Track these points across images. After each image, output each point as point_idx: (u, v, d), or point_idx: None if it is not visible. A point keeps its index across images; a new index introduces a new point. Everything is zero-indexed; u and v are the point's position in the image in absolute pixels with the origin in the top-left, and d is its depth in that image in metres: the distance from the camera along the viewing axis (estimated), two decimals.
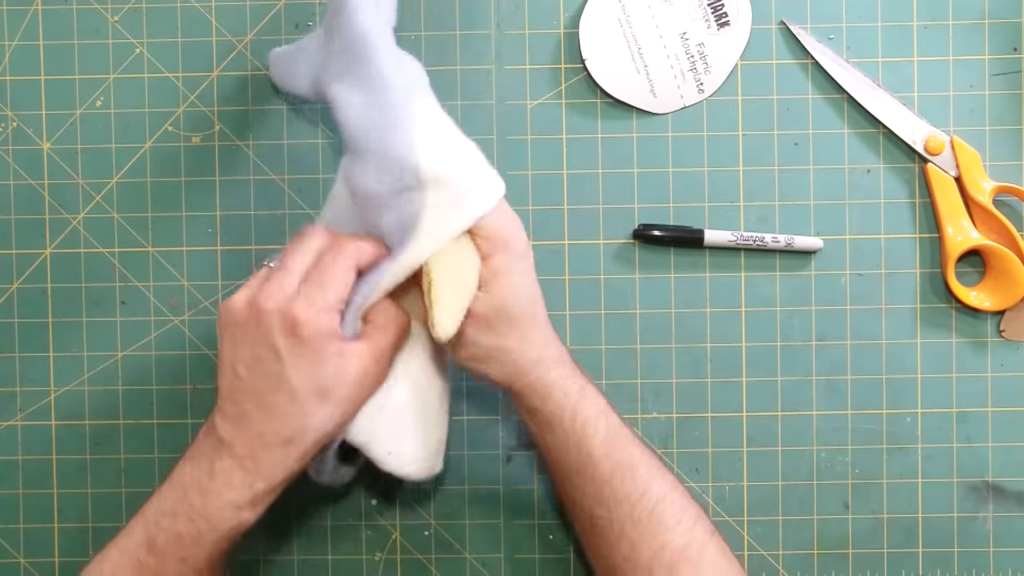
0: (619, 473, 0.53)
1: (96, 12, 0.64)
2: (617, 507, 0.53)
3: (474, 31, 0.64)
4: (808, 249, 0.64)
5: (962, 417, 0.64)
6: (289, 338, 0.50)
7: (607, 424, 0.54)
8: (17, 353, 0.65)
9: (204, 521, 0.51)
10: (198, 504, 0.51)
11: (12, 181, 0.65)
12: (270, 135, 0.64)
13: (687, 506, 0.53)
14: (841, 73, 0.63)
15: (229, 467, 0.51)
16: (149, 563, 0.51)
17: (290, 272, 0.51)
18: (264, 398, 0.51)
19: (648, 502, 0.53)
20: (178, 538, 0.51)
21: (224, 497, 0.51)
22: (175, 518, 0.51)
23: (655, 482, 0.53)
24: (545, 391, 0.54)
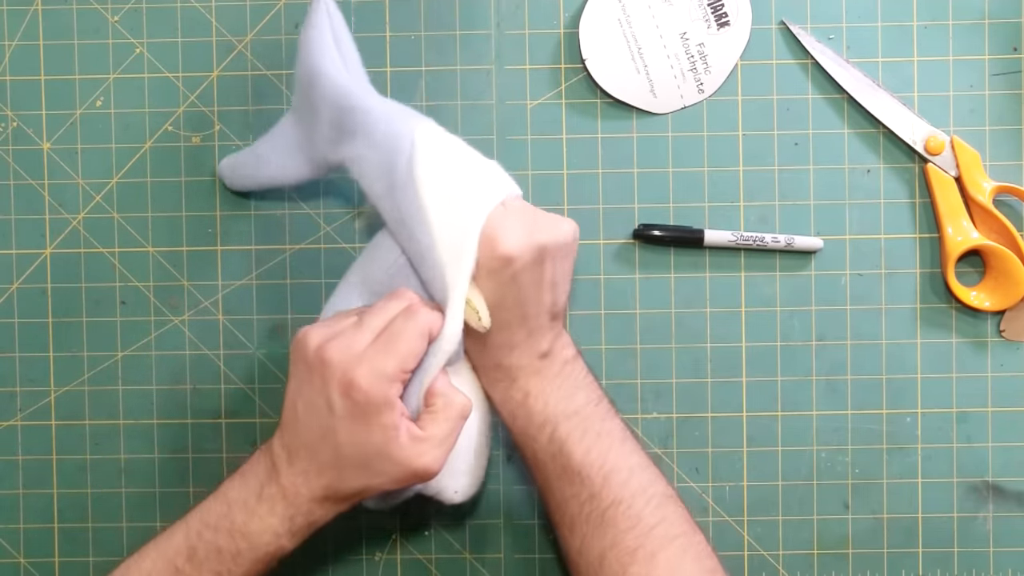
0: (565, 477, 0.54)
1: (96, 12, 0.64)
2: (565, 504, 0.54)
3: (474, 31, 0.64)
4: (808, 249, 0.64)
5: (962, 417, 0.64)
6: (344, 398, 0.50)
7: (555, 432, 0.54)
8: (17, 353, 0.65)
9: (244, 540, 0.51)
10: (240, 522, 0.52)
11: (12, 181, 0.65)
12: None
13: (650, 511, 0.53)
14: (841, 73, 0.63)
15: (275, 494, 0.52)
16: (186, 571, 0.52)
17: (364, 330, 0.51)
18: (315, 443, 0.51)
19: (598, 505, 0.53)
20: (218, 552, 0.52)
21: (266, 522, 0.51)
22: (217, 532, 0.52)
23: (610, 488, 0.53)
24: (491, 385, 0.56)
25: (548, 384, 0.55)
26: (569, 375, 0.56)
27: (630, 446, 0.55)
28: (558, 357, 0.55)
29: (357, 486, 0.52)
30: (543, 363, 0.55)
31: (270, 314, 0.64)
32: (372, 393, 0.49)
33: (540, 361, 0.55)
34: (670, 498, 0.54)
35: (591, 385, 0.56)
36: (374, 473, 0.51)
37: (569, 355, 0.56)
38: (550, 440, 0.54)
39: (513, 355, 0.54)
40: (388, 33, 0.64)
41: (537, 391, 0.55)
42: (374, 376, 0.50)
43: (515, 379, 0.55)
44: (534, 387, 0.55)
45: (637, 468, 0.54)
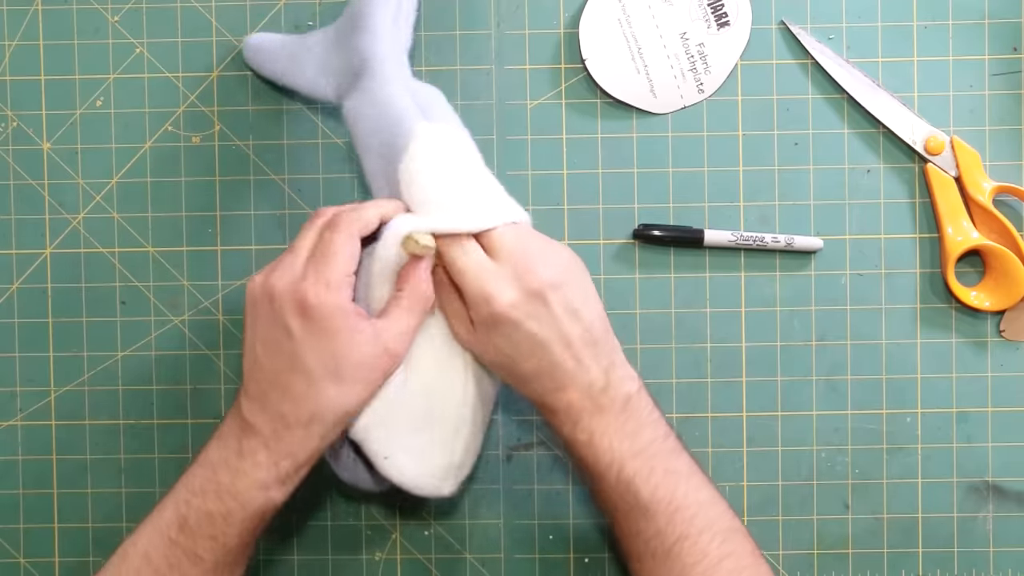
0: (632, 515, 0.53)
1: (96, 12, 0.64)
2: (632, 538, 0.53)
3: (474, 31, 0.64)
4: (808, 249, 0.64)
5: (962, 417, 0.64)
6: (300, 318, 0.50)
7: (621, 472, 0.53)
8: (17, 353, 0.65)
9: (233, 499, 0.51)
10: (226, 483, 0.51)
11: (12, 181, 0.65)
12: (270, 135, 0.64)
13: (715, 547, 0.52)
14: (841, 73, 0.63)
15: (254, 446, 0.51)
16: (181, 541, 0.52)
17: (297, 252, 0.52)
18: (281, 379, 0.51)
19: (663, 542, 0.52)
20: (208, 516, 0.51)
21: (251, 476, 0.51)
22: (205, 497, 0.52)
23: (675, 526, 0.52)
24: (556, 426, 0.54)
25: (612, 423, 0.53)
26: (634, 411, 0.54)
27: (697, 481, 0.54)
28: (619, 392, 0.53)
29: (339, 402, 0.51)
30: (604, 399, 0.53)
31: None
32: (324, 304, 0.50)
33: (601, 397, 0.53)
34: (736, 532, 0.54)
35: (658, 421, 0.54)
36: (350, 380, 0.51)
37: (632, 389, 0.54)
38: (617, 480, 0.53)
39: (566, 396, 0.53)
40: None
41: (601, 431, 0.53)
42: (320, 287, 0.50)
43: (577, 421, 0.53)
44: (598, 427, 0.53)
45: (706, 503, 0.53)
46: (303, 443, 0.51)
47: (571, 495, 0.65)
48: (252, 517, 0.52)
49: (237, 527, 0.52)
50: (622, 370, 0.54)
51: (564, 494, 0.65)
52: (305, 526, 0.65)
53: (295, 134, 0.64)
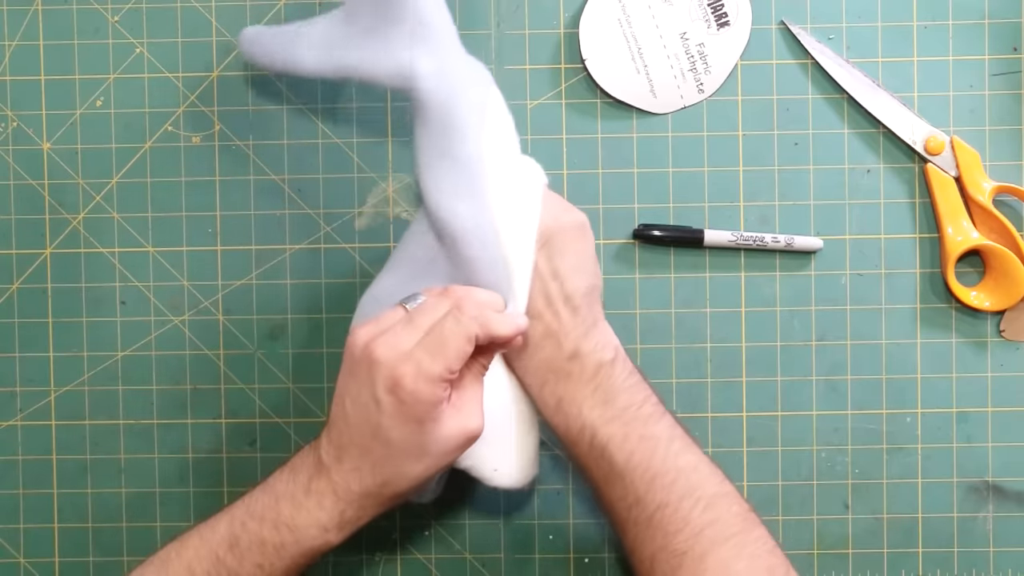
0: (608, 483, 0.53)
1: (96, 12, 0.64)
2: (613, 506, 0.53)
3: (474, 31, 0.64)
4: (808, 249, 0.64)
5: (962, 417, 0.64)
6: (390, 396, 0.49)
7: (594, 439, 0.53)
8: (17, 353, 0.65)
9: (290, 533, 0.51)
10: (287, 515, 0.51)
11: (12, 181, 0.65)
12: (270, 135, 0.64)
13: (697, 514, 0.52)
14: (841, 73, 0.63)
15: (323, 489, 0.51)
16: (228, 561, 0.52)
17: (412, 328, 0.50)
18: (364, 441, 0.51)
19: (643, 510, 0.52)
20: (261, 544, 0.51)
21: (314, 515, 0.51)
22: (262, 524, 0.52)
23: (655, 493, 0.52)
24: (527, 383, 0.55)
25: (581, 389, 0.53)
26: (606, 378, 0.54)
27: (678, 446, 0.53)
28: (590, 360, 0.54)
29: (416, 475, 0.51)
30: (572, 366, 0.54)
31: (270, 314, 0.64)
32: (419, 394, 0.49)
33: (568, 364, 0.54)
34: (723, 496, 0.53)
35: (635, 387, 0.54)
36: (431, 458, 0.51)
37: (606, 358, 0.54)
38: (591, 446, 0.53)
39: (537, 356, 0.54)
40: None
41: (569, 397, 0.53)
42: (421, 377, 0.49)
43: (544, 382, 0.54)
44: (565, 393, 0.53)
45: (687, 469, 0.53)
46: (374, 501, 0.52)
47: (571, 495, 0.65)
48: (304, 554, 0.52)
49: (287, 561, 0.52)
50: (599, 339, 0.54)
51: (564, 494, 0.65)
52: None
53: (295, 134, 0.64)
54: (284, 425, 0.65)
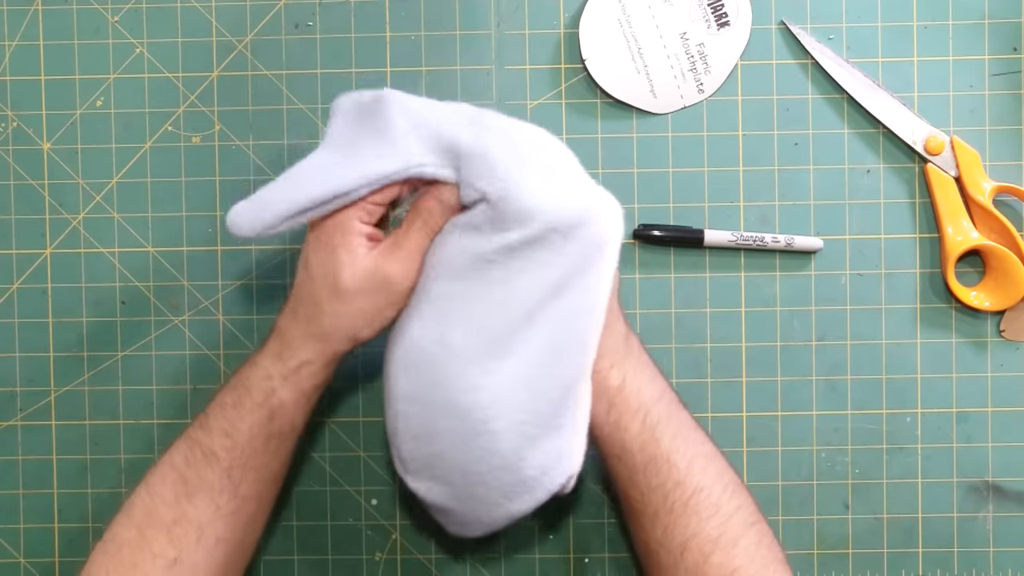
0: (654, 465, 0.53)
1: (96, 12, 0.64)
2: (650, 494, 0.53)
3: (474, 31, 0.64)
4: (808, 249, 0.64)
5: (962, 417, 0.64)
6: (311, 233, 0.52)
7: (645, 418, 0.53)
8: (17, 353, 0.65)
9: (243, 387, 0.53)
10: (243, 374, 0.53)
11: (12, 181, 0.65)
12: (270, 135, 0.64)
13: (727, 499, 0.52)
14: (841, 73, 0.63)
15: (271, 338, 0.53)
16: (199, 438, 0.53)
17: None
18: (297, 284, 0.52)
19: (683, 493, 0.52)
20: (222, 408, 0.53)
21: (261, 366, 0.53)
22: (224, 391, 0.53)
23: (694, 475, 0.52)
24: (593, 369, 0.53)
25: (639, 367, 0.54)
26: (648, 357, 0.55)
27: (702, 434, 0.54)
28: (634, 338, 0.54)
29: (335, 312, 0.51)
30: (628, 344, 0.54)
31: (270, 314, 0.64)
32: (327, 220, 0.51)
33: (625, 343, 0.54)
34: (741, 486, 0.54)
35: (662, 374, 0.55)
36: (350, 297, 0.51)
37: (639, 341, 0.55)
38: (642, 427, 0.53)
39: (610, 343, 0.53)
40: (388, 33, 0.64)
41: (632, 375, 0.53)
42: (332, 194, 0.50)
43: (613, 364, 0.53)
44: (629, 370, 0.53)
45: (712, 455, 0.54)
46: (304, 340, 0.52)
47: (571, 495, 0.65)
48: (258, 409, 0.52)
49: (247, 421, 0.52)
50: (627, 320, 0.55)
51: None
52: (305, 526, 0.65)
53: (295, 134, 0.64)
54: None
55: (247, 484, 0.53)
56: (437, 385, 0.50)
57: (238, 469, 0.52)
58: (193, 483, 0.52)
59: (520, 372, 0.51)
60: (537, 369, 0.51)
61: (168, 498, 0.52)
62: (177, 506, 0.52)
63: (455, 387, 0.50)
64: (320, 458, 0.65)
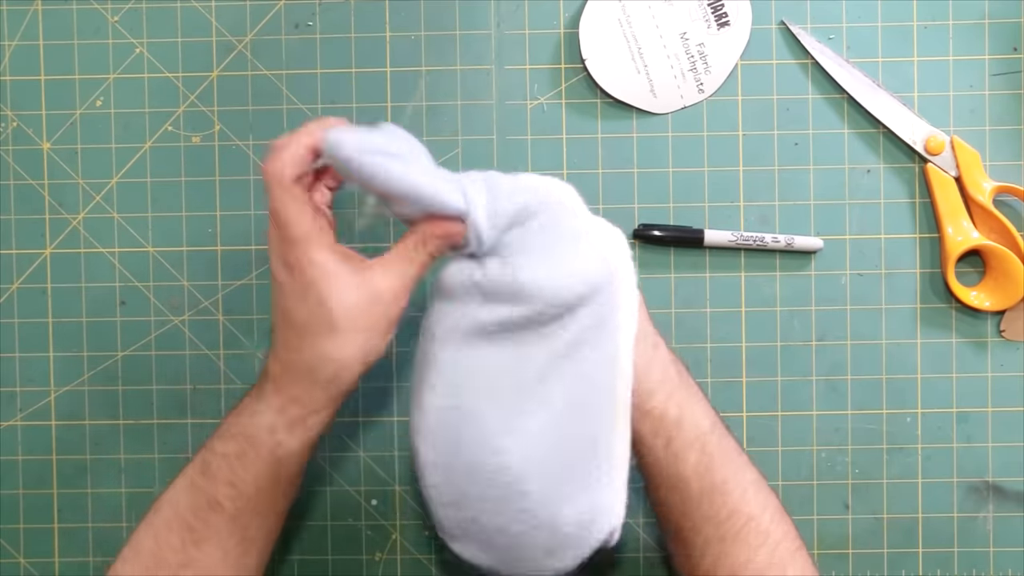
0: (708, 496, 0.52)
1: (96, 12, 0.64)
2: (704, 524, 0.52)
3: (474, 31, 0.64)
4: (808, 249, 0.64)
5: (962, 417, 0.64)
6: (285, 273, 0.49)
7: (703, 448, 0.52)
8: (17, 353, 0.65)
9: (246, 440, 0.51)
10: (243, 424, 0.51)
11: (12, 181, 0.65)
12: (270, 135, 0.64)
13: (774, 527, 0.52)
14: (841, 73, 0.63)
15: (268, 389, 0.51)
16: (202, 486, 0.51)
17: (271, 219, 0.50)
18: (281, 332, 0.50)
19: (736, 523, 0.51)
20: (226, 459, 0.51)
21: (263, 417, 0.50)
22: (224, 440, 0.51)
23: (746, 503, 0.52)
24: (642, 413, 0.52)
25: (692, 395, 0.52)
26: (695, 383, 0.53)
27: (747, 459, 0.54)
28: (680, 363, 0.53)
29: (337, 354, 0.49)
30: (678, 371, 0.52)
31: (270, 314, 0.64)
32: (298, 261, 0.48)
33: (676, 371, 0.52)
34: (783, 510, 0.53)
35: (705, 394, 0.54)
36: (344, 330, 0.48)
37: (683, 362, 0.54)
38: (700, 458, 0.51)
39: (654, 371, 0.52)
40: (388, 33, 0.64)
41: (688, 405, 0.52)
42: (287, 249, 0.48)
43: (669, 394, 0.52)
44: (685, 401, 0.52)
45: (759, 482, 0.53)
46: (308, 392, 0.50)
47: None
48: (264, 461, 0.50)
49: (252, 472, 0.50)
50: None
51: None
52: (305, 526, 0.65)
53: None
54: None
55: (255, 528, 0.52)
56: (461, 452, 0.49)
57: (245, 516, 0.51)
58: (200, 531, 0.51)
59: (544, 431, 0.49)
60: (561, 426, 0.49)
61: (175, 544, 0.51)
62: (184, 552, 0.51)
63: (478, 452, 0.49)
64: (320, 458, 0.65)
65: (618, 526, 0.51)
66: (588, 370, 0.50)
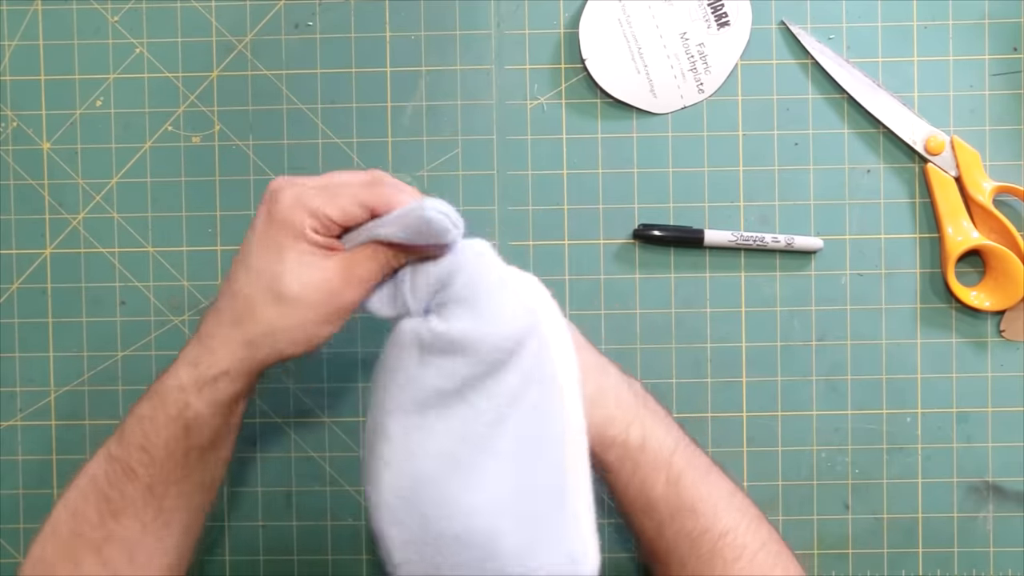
0: (680, 516, 0.52)
1: (96, 12, 0.64)
2: (678, 543, 0.52)
3: (474, 31, 0.64)
4: (808, 249, 0.64)
5: (962, 417, 0.64)
6: (264, 209, 0.49)
7: (670, 468, 0.52)
8: (17, 353, 0.65)
9: (158, 398, 0.50)
10: (159, 383, 0.50)
11: (12, 181, 0.65)
12: (270, 135, 0.64)
13: (751, 537, 0.52)
14: (841, 73, 0.63)
15: (191, 342, 0.50)
16: (118, 454, 0.50)
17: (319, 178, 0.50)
18: (232, 273, 0.50)
19: (710, 539, 0.51)
20: (139, 421, 0.50)
21: (175, 375, 0.50)
22: (141, 402, 0.51)
23: (719, 520, 0.52)
24: (604, 443, 0.51)
25: (654, 418, 0.53)
26: (655, 402, 0.53)
27: (718, 473, 0.53)
28: (636, 383, 0.53)
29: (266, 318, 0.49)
30: (633, 394, 0.53)
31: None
32: (288, 213, 0.48)
33: (633, 395, 0.52)
34: (760, 518, 0.53)
35: (669, 415, 0.54)
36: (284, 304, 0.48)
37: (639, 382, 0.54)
38: (667, 481, 0.52)
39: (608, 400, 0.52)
40: (388, 33, 0.64)
41: (651, 429, 0.52)
42: (298, 202, 0.48)
43: (630, 422, 0.52)
44: (647, 424, 0.52)
45: (732, 492, 0.53)
46: (226, 344, 0.49)
47: None
48: (173, 422, 0.49)
49: (162, 436, 0.49)
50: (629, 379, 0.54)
51: None
52: (305, 526, 0.65)
53: (295, 134, 0.64)
54: (284, 425, 0.65)
55: (172, 498, 0.50)
56: (428, 525, 0.47)
57: (160, 485, 0.50)
58: (116, 501, 0.50)
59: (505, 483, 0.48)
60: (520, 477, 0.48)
61: (93, 518, 0.50)
62: (103, 526, 0.50)
63: (447, 519, 0.47)
64: (320, 458, 0.65)
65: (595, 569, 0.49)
66: (536, 418, 0.49)
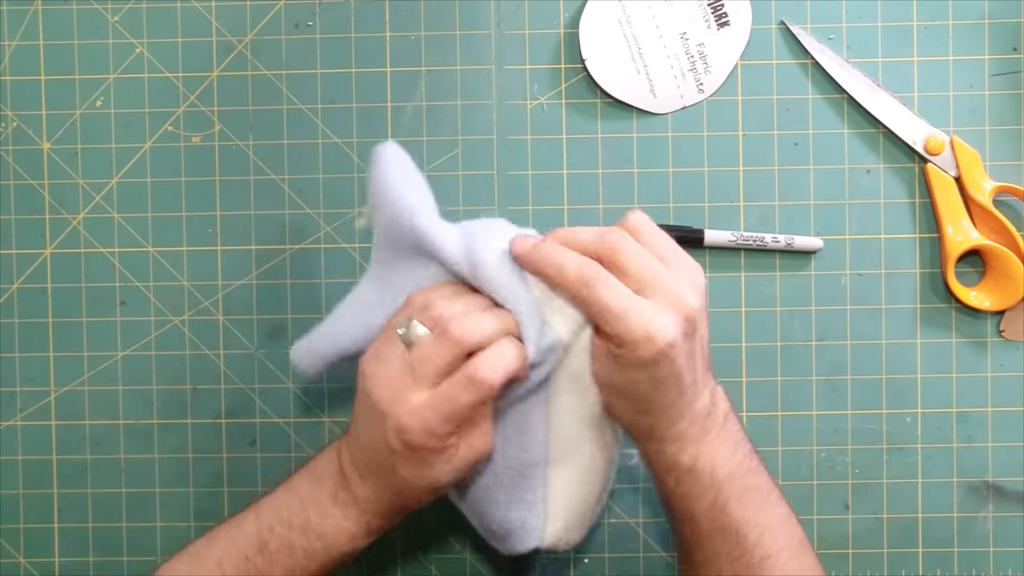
0: (722, 535, 0.51)
1: (96, 12, 0.64)
2: (715, 559, 0.52)
3: (474, 31, 0.64)
4: (808, 249, 0.64)
5: (962, 417, 0.64)
6: (398, 441, 0.49)
7: (718, 493, 0.51)
8: (17, 353, 0.65)
9: (319, 540, 0.52)
10: (315, 522, 0.52)
11: (12, 181, 0.65)
12: (270, 135, 0.64)
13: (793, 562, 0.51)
14: (841, 73, 0.63)
15: (348, 500, 0.52)
16: (258, 563, 0.52)
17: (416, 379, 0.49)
18: (379, 469, 0.51)
19: (748, 561, 0.51)
20: (290, 548, 0.52)
21: (342, 525, 0.52)
22: (291, 529, 0.52)
23: (762, 545, 0.51)
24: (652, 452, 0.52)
25: (715, 445, 0.51)
26: (730, 431, 0.52)
27: (775, 496, 0.53)
28: (719, 410, 0.52)
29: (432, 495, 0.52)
30: (708, 422, 0.51)
31: (270, 314, 0.64)
32: (427, 445, 0.49)
33: (707, 420, 0.51)
34: (804, 543, 0.53)
35: (745, 439, 0.53)
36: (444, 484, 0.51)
37: (727, 406, 0.52)
38: (712, 505, 0.51)
39: (679, 424, 0.51)
40: (388, 33, 0.64)
41: (707, 455, 0.51)
42: (430, 435, 0.48)
43: (684, 448, 0.51)
44: (703, 451, 0.51)
45: (782, 518, 0.53)
46: (398, 512, 0.53)
47: None
48: (334, 560, 0.52)
49: (317, 565, 0.52)
50: (719, 389, 0.53)
51: None
52: None
53: (295, 134, 0.64)
54: (284, 425, 0.65)
55: None
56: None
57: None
58: None
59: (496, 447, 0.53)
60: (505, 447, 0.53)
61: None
62: None
63: None
64: None
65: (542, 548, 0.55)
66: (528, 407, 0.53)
